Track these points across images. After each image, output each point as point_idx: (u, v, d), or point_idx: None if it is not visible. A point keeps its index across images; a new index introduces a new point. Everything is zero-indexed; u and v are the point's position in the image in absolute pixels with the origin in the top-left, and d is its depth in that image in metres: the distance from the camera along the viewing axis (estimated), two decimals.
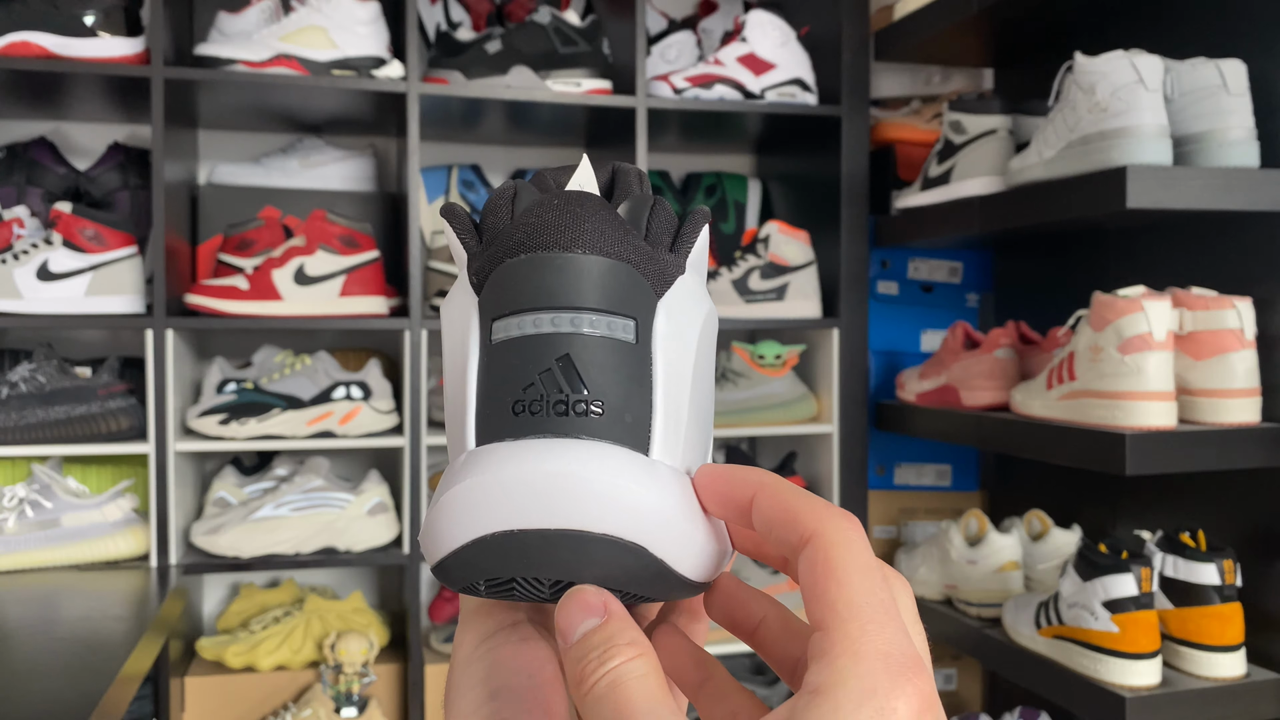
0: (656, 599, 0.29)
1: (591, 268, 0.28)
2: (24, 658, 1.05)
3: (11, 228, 1.51)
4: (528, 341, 0.28)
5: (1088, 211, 1.27)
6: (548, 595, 0.29)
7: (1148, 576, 1.21)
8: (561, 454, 0.26)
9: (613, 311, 0.28)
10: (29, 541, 1.42)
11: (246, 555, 1.50)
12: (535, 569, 0.27)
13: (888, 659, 0.24)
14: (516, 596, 0.30)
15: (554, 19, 1.64)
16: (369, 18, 1.56)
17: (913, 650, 0.24)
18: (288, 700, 1.58)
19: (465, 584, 0.29)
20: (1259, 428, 1.25)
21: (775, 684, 1.72)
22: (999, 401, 1.50)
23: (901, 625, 0.25)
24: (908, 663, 0.24)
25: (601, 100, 1.60)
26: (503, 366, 0.28)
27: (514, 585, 0.28)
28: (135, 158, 1.69)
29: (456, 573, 0.28)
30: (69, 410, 1.47)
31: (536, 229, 0.28)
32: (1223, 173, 1.23)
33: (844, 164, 1.69)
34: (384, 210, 1.79)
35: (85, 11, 1.45)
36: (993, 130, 1.52)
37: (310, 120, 1.74)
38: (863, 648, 0.24)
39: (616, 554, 0.27)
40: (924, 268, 1.88)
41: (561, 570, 0.27)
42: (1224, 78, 1.25)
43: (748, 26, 1.67)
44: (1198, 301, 1.26)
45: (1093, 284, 1.55)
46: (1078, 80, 1.30)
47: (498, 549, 0.27)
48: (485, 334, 0.28)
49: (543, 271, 0.28)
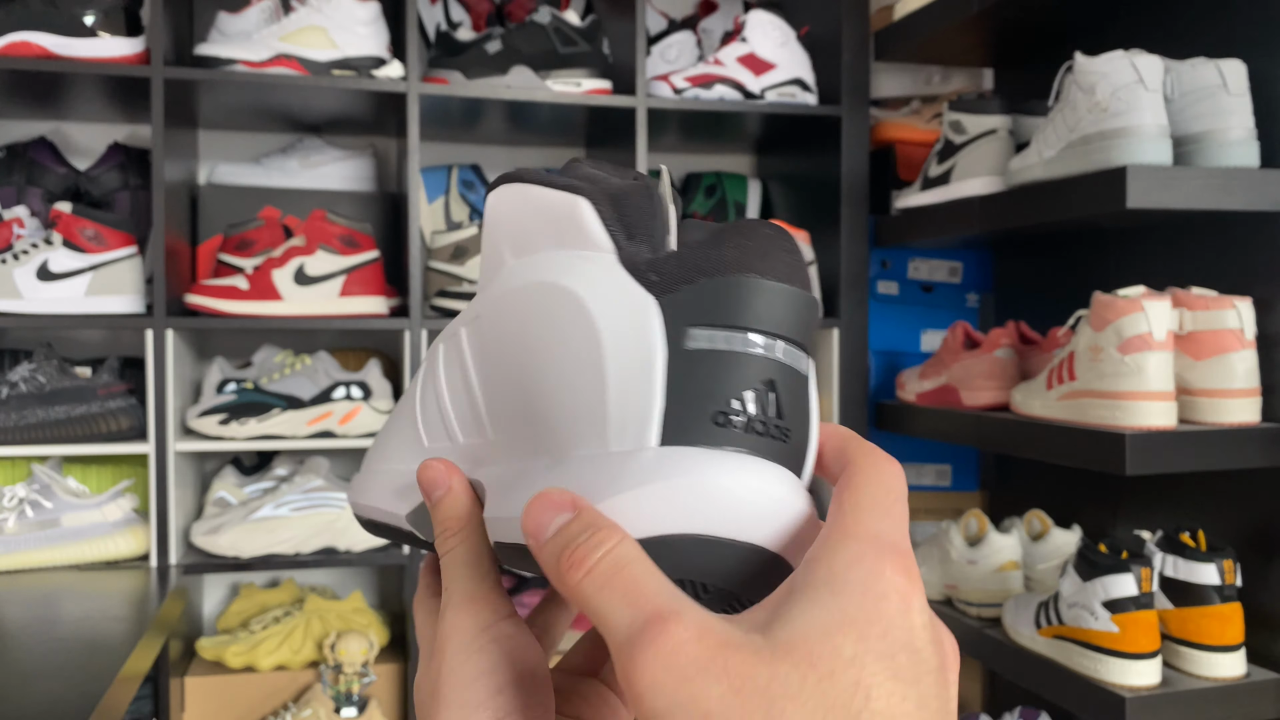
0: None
1: (798, 302, 0.29)
2: (24, 658, 1.05)
3: (11, 228, 1.51)
4: (734, 358, 0.29)
5: (1088, 211, 1.27)
6: (702, 601, 0.29)
7: (1148, 576, 1.21)
8: (762, 473, 0.28)
9: (803, 346, 0.30)
10: (29, 541, 1.42)
11: (246, 555, 1.50)
12: (713, 575, 0.28)
13: (879, 538, 0.25)
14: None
15: (554, 19, 1.64)
16: (369, 18, 1.56)
17: (906, 544, 0.26)
18: (288, 700, 1.58)
19: None
20: (1259, 428, 1.25)
21: None
22: (999, 401, 1.50)
23: (901, 524, 0.26)
24: (899, 545, 0.25)
25: (601, 100, 1.60)
26: (703, 375, 0.28)
27: (681, 585, 0.28)
28: (135, 158, 1.69)
29: None
30: (69, 410, 1.47)
31: (755, 253, 0.29)
32: (1223, 173, 1.23)
33: (844, 164, 1.69)
34: (384, 210, 1.79)
35: (85, 11, 1.45)
36: (993, 130, 1.52)
37: (310, 120, 1.74)
38: (858, 530, 0.26)
39: (782, 575, 0.28)
40: (924, 268, 1.88)
41: (736, 582, 0.28)
42: (1224, 78, 1.25)
43: (748, 26, 1.67)
44: (1198, 301, 1.26)
45: (1093, 284, 1.55)
46: (1078, 80, 1.30)
47: (688, 548, 0.28)
48: (675, 336, 0.29)
49: (759, 295, 0.29)
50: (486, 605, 0.33)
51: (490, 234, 0.36)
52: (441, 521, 0.35)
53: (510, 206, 0.34)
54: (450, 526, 0.35)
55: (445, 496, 0.35)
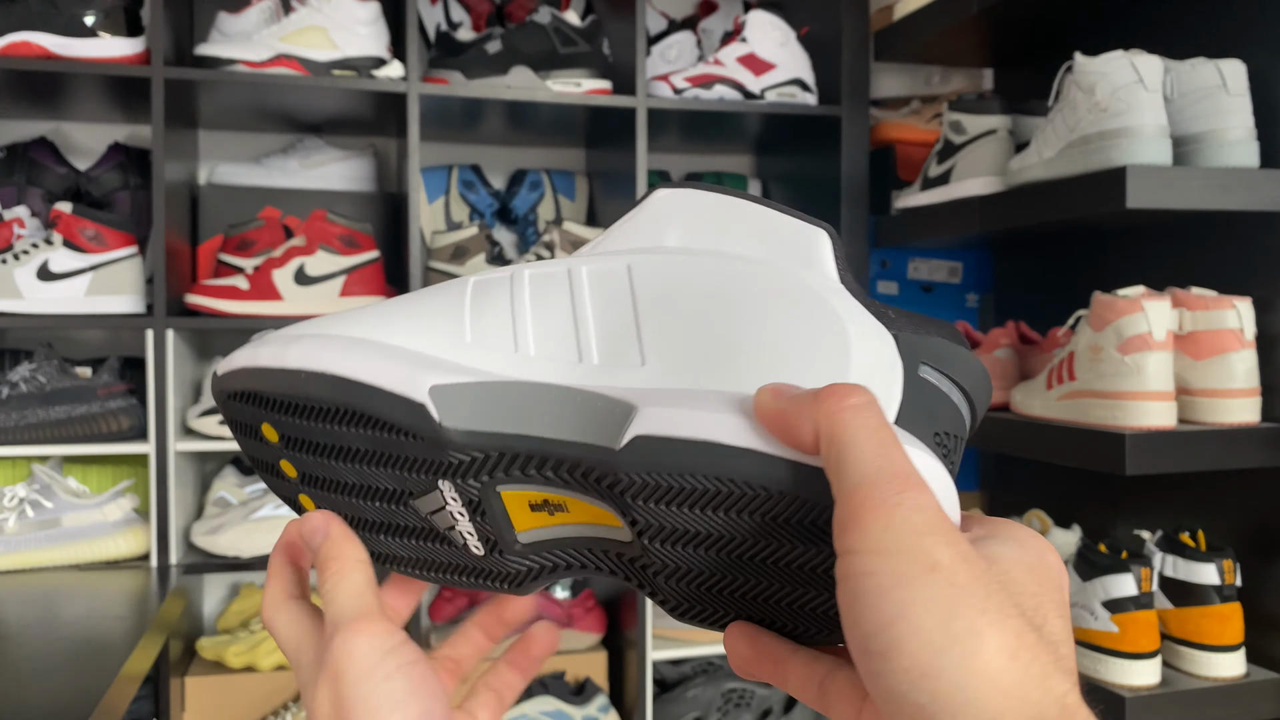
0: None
1: (988, 386, 0.36)
2: (24, 658, 1.05)
3: (12, 228, 1.51)
4: (943, 395, 0.34)
5: (1088, 211, 1.27)
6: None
7: (1147, 576, 1.21)
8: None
9: (975, 421, 0.37)
10: (29, 541, 1.42)
11: (246, 555, 1.50)
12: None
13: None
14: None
15: (554, 19, 1.64)
16: (369, 18, 1.56)
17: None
18: (288, 700, 1.58)
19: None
20: (1259, 428, 1.25)
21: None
22: (999, 401, 1.50)
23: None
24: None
25: (601, 100, 1.60)
26: (926, 402, 0.33)
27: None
28: (135, 158, 1.69)
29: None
30: (69, 410, 1.47)
31: (958, 338, 0.36)
32: (1222, 173, 1.23)
33: (844, 164, 1.69)
34: (384, 210, 1.79)
35: (85, 11, 1.45)
36: (993, 130, 1.52)
37: (310, 120, 1.74)
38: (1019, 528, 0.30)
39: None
40: (924, 268, 1.88)
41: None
42: (1224, 78, 1.25)
43: (748, 27, 1.67)
44: (1198, 301, 1.26)
45: (1093, 284, 1.55)
46: (1078, 80, 1.30)
47: None
48: (910, 365, 0.34)
49: (973, 367, 0.35)
50: (383, 628, 0.32)
51: (653, 218, 0.39)
52: (336, 559, 0.35)
53: (703, 206, 0.39)
54: (343, 566, 0.35)
55: (327, 540, 0.36)
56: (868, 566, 0.25)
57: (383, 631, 0.32)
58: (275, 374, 0.36)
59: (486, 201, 1.85)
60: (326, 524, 0.36)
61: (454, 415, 0.34)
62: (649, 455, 0.30)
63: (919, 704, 0.24)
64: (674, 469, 0.29)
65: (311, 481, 0.38)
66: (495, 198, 1.86)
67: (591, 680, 1.66)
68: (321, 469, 0.37)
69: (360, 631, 0.32)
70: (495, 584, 0.38)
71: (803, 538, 0.30)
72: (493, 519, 0.36)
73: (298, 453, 0.37)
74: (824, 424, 0.27)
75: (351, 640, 0.32)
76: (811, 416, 0.28)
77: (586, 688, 1.65)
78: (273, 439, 0.38)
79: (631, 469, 0.30)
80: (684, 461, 0.29)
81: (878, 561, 0.25)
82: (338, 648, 0.32)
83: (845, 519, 0.26)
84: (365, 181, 1.82)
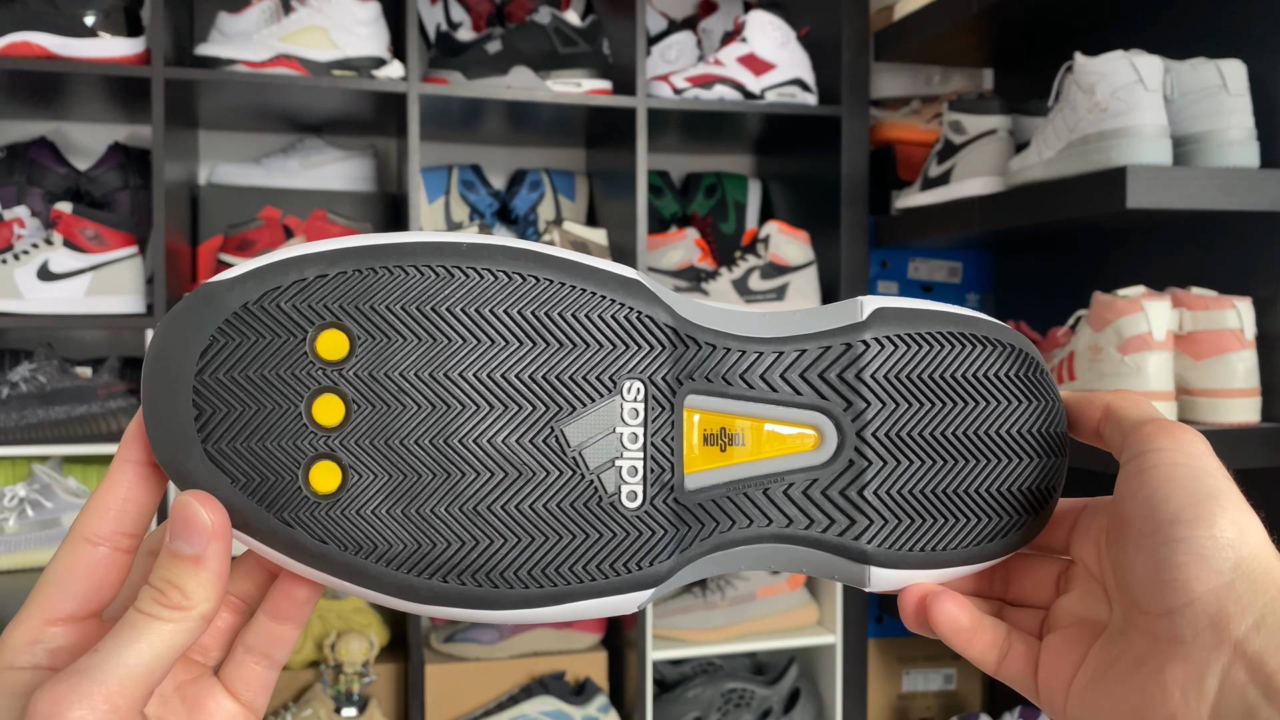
0: None
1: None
2: None
3: (12, 228, 1.51)
4: None
5: (1088, 211, 1.27)
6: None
7: None
8: None
9: None
10: (29, 541, 1.42)
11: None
12: None
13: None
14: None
15: (554, 19, 1.64)
16: (369, 18, 1.56)
17: None
18: (288, 700, 1.58)
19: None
20: (1259, 428, 1.25)
21: (775, 684, 1.71)
22: None
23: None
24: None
25: (601, 100, 1.60)
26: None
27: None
28: (135, 158, 1.69)
29: None
30: (69, 410, 1.47)
31: None
32: (1222, 173, 1.23)
33: (844, 164, 1.69)
34: (384, 210, 1.80)
35: (85, 11, 1.45)
36: (993, 130, 1.52)
37: (310, 120, 1.75)
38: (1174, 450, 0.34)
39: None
40: (924, 268, 1.88)
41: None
42: (1224, 78, 1.25)
43: (748, 27, 1.67)
44: (1198, 301, 1.26)
45: (1093, 284, 1.55)
46: (1077, 80, 1.30)
47: None
48: None
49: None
50: (183, 661, 0.34)
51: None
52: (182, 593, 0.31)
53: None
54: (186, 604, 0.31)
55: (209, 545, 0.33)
56: (1178, 459, 0.32)
57: (181, 667, 0.32)
58: (392, 249, 0.27)
59: (486, 202, 1.85)
60: (221, 527, 0.31)
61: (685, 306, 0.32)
62: (892, 319, 0.33)
63: (1219, 570, 0.30)
64: (917, 328, 0.33)
65: (371, 423, 0.28)
66: (495, 198, 1.86)
67: (591, 680, 1.67)
68: (417, 388, 0.28)
69: (81, 706, 0.26)
70: (615, 576, 0.30)
71: (1027, 393, 0.35)
72: (670, 445, 0.31)
73: (380, 368, 0.28)
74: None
75: (62, 711, 0.26)
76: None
77: (586, 688, 1.65)
78: (334, 353, 0.28)
79: (877, 332, 0.33)
80: (925, 323, 0.33)
81: (1184, 457, 0.32)
82: (41, 709, 0.26)
83: (1153, 431, 0.33)
84: (365, 182, 1.82)
